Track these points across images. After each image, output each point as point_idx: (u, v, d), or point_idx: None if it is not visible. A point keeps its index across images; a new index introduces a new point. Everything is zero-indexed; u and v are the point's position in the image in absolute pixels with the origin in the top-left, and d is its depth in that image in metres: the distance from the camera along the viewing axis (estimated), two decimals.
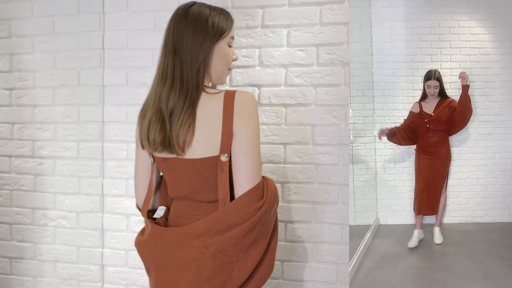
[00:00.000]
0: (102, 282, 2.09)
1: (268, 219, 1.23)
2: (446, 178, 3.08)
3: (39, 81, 2.12)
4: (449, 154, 3.07)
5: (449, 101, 3.03)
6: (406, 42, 3.27)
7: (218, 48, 1.27)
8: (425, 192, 3.05)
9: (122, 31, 2.02)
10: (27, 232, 2.16)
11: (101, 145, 2.06)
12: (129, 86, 2.02)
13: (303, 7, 1.83)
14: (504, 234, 3.14)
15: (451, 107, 3.01)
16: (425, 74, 3.08)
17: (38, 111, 2.14)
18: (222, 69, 1.30)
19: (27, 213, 2.16)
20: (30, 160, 2.15)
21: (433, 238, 3.02)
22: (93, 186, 2.08)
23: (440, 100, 3.05)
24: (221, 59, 1.28)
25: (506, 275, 2.52)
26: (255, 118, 1.23)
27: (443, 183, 3.07)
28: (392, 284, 2.48)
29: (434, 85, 3.01)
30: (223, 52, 1.28)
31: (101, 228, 2.08)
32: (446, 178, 3.08)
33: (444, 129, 3.04)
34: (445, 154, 3.06)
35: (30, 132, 2.14)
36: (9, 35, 2.15)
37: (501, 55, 3.23)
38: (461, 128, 3.07)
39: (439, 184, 3.06)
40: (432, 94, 3.02)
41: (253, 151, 1.21)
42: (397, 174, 3.28)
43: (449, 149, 3.08)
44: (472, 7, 3.24)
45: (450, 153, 3.09)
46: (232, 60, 1.33)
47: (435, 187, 3.05)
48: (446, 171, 3.08)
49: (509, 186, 3.29)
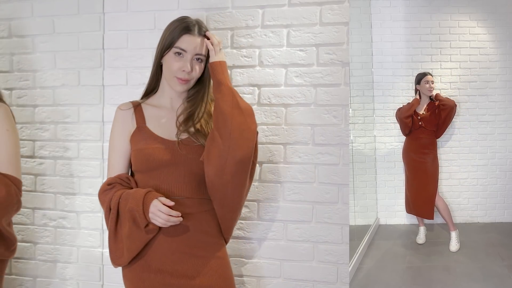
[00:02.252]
0: (102, 282, 2.09)
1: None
2: (437, 180, 3.05)
3: (39, 81, 2.13)
4: (436, 158, 3.07)
5: (437, 103, 3.05)
6: (406, 42, 3.27)
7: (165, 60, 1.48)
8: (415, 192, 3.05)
9: (122, 31, 2.02)
10: (27, 232, 2.16)
11: (101, 145, 2.06)
12: (129, 86, 2.02)
13: (303, 7, 1.83)
14: (504, 234, 3.14)
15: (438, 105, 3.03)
16: (417, 75, 3.09)
17: (38, 111, 2.14)
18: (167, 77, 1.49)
19: (27, 213, 2.16)
20: (30, 160, 2.15)
21: (449, 245, 2.94)
22: (93, 186, 2.08)
23: (430, 102, 3.06)
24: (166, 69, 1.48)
25: (506, 275, 2.53)
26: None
27: (435, 185, 3.03)
28: (392, 284, 2.48)
29: (432, 80, 3.03)
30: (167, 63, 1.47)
31: (101, 228, 2.08)
32: (437, 180, 3.05)
33: (434, 129, 3.05)
34: (432, 157, 3.05)
35: (30, 132, 2.14)
36: (9, 35, 2.15)
37: (501, 55, 3.23)
38: (449, 120, 3.06)
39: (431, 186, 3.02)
40: (430, 89, 3.03)
41: None
42: (397, 174, 3.28)
43: (436, 152, 3.08)
44: (472, 7, 3.24)
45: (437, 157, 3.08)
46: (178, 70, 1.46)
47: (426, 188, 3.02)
48: (436, 175, 3.05)
49: (509, 186, 3.29)
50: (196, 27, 1.46)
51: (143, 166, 1.46)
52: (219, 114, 1.40)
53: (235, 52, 1.89)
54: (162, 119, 1.53)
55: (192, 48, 1.45)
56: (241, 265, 1.92)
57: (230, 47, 1.90)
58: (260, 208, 1.90)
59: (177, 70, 1.45)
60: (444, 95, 3.09)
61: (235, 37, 1.89)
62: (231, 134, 1.36)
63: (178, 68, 1.45)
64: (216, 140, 1.39)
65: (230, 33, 1.90)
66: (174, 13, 1.94)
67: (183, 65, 1.44)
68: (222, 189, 1.44)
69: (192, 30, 1.45)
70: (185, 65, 1.44)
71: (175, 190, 1.46)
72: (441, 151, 3.23)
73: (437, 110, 3.02)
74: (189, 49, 1.45)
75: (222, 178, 1.40)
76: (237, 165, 1.39)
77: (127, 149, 1.52)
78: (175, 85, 1.48)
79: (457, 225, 3.06)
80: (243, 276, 1.92)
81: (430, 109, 3.04)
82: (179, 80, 1.46)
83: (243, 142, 1.38)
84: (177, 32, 1.45)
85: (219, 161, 1.38)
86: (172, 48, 1.45)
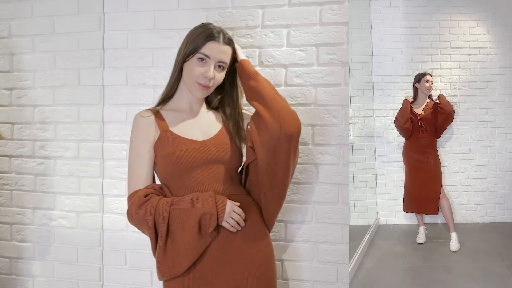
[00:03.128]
0: (102, 282, 2.09)
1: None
2: (441, 177, 3.06)
3: (39, 81, 2.13)
4: (437, 156, 3.07)
5: (435, 103, 3.06)
6: (406, 42, 3.27)
7: (186, 66, 1.49)
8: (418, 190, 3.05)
9: (122, 31, 2.02)
10: (27, 232, 2.16)
11: (101, 145, 2.07)
12: (129, 86, 2.02)
13: (303, 7, 1.83)
14: (504, 234, 3.13)
15: (437, 106, 3.03)
16: (416, 75, 3.09)
17: (38, 111, 2.14)
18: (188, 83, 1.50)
19: (27, 213, 2.16)
20: (30, 160, 2.15)
21: (449, 245, 2.93)
22: (93, 186, 2.08)
23: (428, 102, 3.07)
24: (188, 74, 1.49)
25: (506, 275, 2.52)
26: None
27: (439, 183, 3.04)
28: (392, 284, 2.48)
29: (431, 80, 3.04)
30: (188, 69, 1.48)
31: (101, 228, 2.08)
32: (441, 177, 3.06)
33: (433, 130, 3.05)
34: (434, 156, 3.06)
35: (30, 132, 2.14)
36: (9, 35, 2.15)
37: (501, 55, 3.23)
38: (447, 125, 3.07)
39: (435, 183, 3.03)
40: (430, 88, 3.04)
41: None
42: (397, 174, 3.28)
43: (437, 151, 3.08)
44: (472, 7, 3.24)
45: (438, 156, 3.08)
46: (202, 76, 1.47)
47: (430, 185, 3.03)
48: (439, 173, 3.05)
49: (509, 186, 3.29)
50: (221, 34, 1.47)
51: (175, 170, 1.45)
52: (262, 98, 1.46)
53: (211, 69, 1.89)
54: (185, 122, 1.52)
55: (216, 55, 1.46)
56: None
57: None
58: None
59: (199, 76, 1.45)
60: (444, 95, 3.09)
61: (235, 37, 1.89)
62: (279, 113, 1.43)
63: (201, 73, 1.45)
64: (264, 121, 1.44)
65: (230, 33, 1.89)
66: (174, 13, 1.94)
67: (206, 71, 1.45)
68: (274, 169, 1.47)
69: (218, 38, 1.46)
70: (208, 71, 1.45)
71: (211, 189, 1.45)
72: (441, 151, 3.23)
73: (436, 111, 3.02)
74: (213, 56, 1.45)
75: (275, 156, 1.45)
76: (289, 141, 1.45)
77: (152, 157, 1.48)
78: (196, 90, 1.48)
79: (457, 225, 3.06)
80: None
81: (429, 109, 3.04)
82: (200, 85, 1.46)
83: (291, 119, 1.46)
84: (202, 38, 1.45)
85: (271, 141, 1.43)
86: (196, 53, 1.45)
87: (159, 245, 1.40)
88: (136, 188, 1.46)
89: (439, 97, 3.05)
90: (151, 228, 1.40)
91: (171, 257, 1.39)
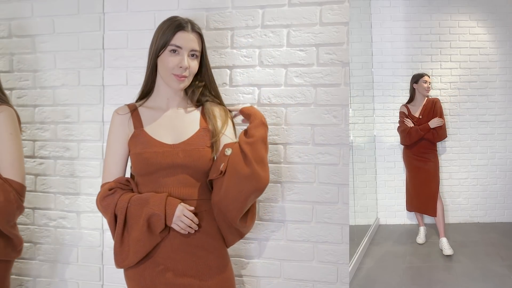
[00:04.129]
0: (102, 282, 2.09)
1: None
2: (439, 178, 3.06)
3: (39, 81, 2.13)
4: (436, 157, 3.07)
5: (434, 101, 3.04)
6: (406, 42, 3.28)
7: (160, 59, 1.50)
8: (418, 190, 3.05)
9: (122, 31, 2.02)
10: (27, 232, 2.16)
11: (101, 145, 2.07)
12: (129, 86, 2.02)
13: (303, 7, 1.83)
14: (504, 234, 3.14)
15: (436, 107, 3.02)
16: (413, 76, 3.09)
17: (38, 111, 2.14)
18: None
19: (27, 213, 2.16)
20: (30, 160, 2.15)
21: (443, 250, 2.92)
22: (93, 186, 2.08)
23: (427, 101, 3.06)
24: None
25: (506, 275, 2.53)
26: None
27: (437, 183, 3.04)
28: (392, 284, 2.49)
29: (429, 81, 3.04)
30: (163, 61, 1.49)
31: (101, 228, 2.08)
32: (439, 178, 3.06)
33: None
34: (433, 157, 3.06)
35: (30, 132, 2.14)
36: (9, 35, 2.15)
37: (501, 55, 3.23)
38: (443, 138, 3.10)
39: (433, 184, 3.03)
40: (428, 89, 3.04)
41: None
42: (397, 174, 3.29)
43: (436, 152, 3.08)
44: (472, 7, 3.24)
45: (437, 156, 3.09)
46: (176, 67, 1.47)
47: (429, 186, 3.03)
48: (437, 174, 3.05)
49: (509, 186, 3.29)
50: (189, 24, 1.50)
51: (142, 170, 1.49)
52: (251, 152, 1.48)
53: (235, 52, 1.90)
54: (159, 121, 1.54)
55: (187, 44, 1.47)
56: (241, 265, 1.92)
57: (230, 47, 1.90)
58: (260, 208, 1.90)
59: (174, 67, 1.46)
60: (444, 95, 3.10)
61: (235, 37, 1.89)
62: (255, 174, 1.45)
63: (175, 64, 1.46)
64: (241, 167, 1.44)
65: (230, 33, 1.90)
66: (174, 13, 1.93)
67: (180, 61, 1.46)
68: (228, 204, 1.47)
69: (186, 27, 1.48)
70: (182, 61, 1.46)
71: (174, 193, 1.47)
72: (441, 151, 3.24)
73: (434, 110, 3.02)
74: (184, 45, 1.47)
75: (234, 195, 1.45)
76: (255, 193, 1.46)
77: (125, 153, 1.54)
78: (173, 82, 1.49)
79: (457, 225, 3.07)
80: (243, 276, 1.92)
81: (426, 110, 3.03)
82: (176, 77, 1.48)
83: (264, 178, 1.47)
84: (171, 31, 1.47)
85: (238, 186, 1.44)
86: (168, 46, 1.47)
87: (116, 237, 1.47)
88: (106, 181, 1.53)
89: (440, 115, 3.04)
90: (112, 220, 1.47)
91: (126, 249, 1.46)
